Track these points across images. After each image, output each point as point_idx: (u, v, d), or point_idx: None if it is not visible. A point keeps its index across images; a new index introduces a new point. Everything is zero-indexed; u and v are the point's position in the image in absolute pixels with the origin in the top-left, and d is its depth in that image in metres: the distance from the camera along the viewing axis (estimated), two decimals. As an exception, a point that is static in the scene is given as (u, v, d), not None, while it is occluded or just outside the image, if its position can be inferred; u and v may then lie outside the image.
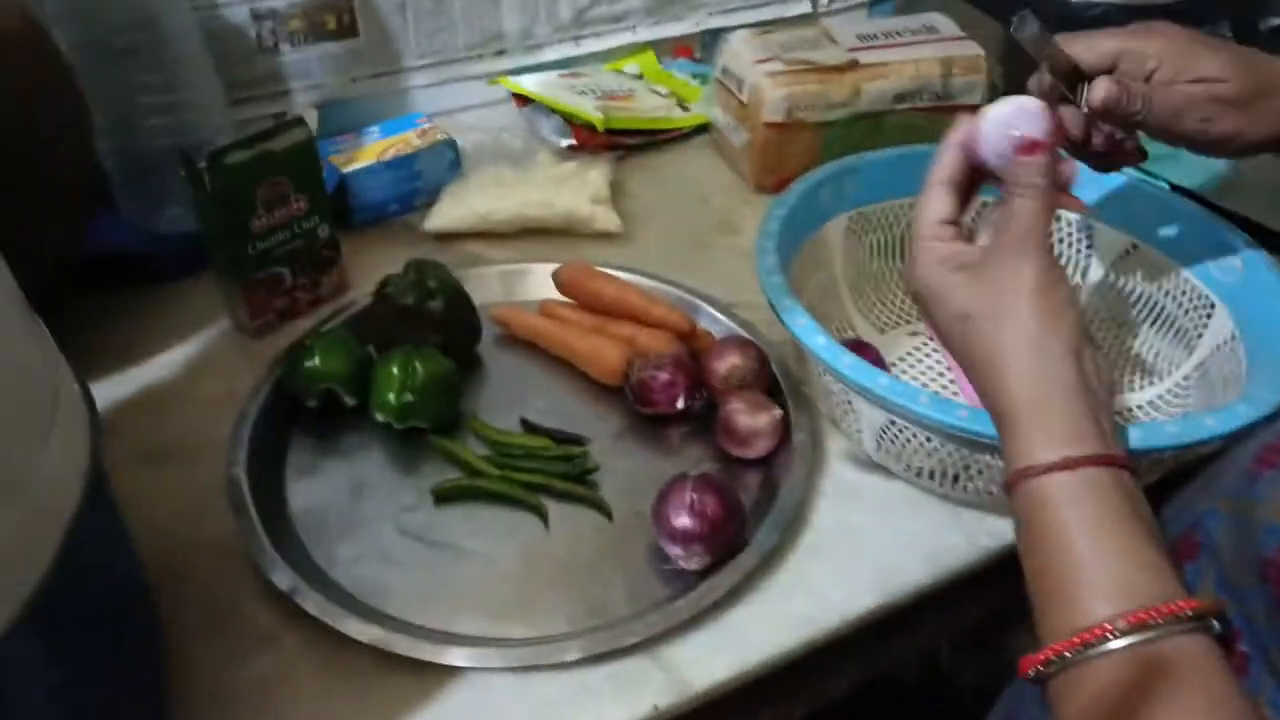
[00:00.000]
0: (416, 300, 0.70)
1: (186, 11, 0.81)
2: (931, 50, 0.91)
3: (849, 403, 0.62)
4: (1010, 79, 0.93)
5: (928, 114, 0.91)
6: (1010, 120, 0.50)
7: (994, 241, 0.48)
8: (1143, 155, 0.57)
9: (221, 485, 0.62)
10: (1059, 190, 0.50)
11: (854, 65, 0.89)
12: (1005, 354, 0.46)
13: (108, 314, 0.77)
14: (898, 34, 0.93)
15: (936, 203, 0.51)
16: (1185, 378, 0.68)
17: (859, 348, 0.72)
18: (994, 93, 0.93)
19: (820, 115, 0.89)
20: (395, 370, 0.65)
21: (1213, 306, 0.67)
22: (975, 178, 0.52)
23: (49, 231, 0.68)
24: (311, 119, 0.82)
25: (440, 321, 0.70)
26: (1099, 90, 0.49)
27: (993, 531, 0.62)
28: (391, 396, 0.65)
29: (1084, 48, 0.52)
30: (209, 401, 0.70)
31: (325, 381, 0.67)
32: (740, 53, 0.92)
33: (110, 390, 0.71)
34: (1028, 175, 0.48)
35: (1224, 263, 0.67)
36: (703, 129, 1.01)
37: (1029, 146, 0.48)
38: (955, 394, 0.72)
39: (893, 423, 0.59)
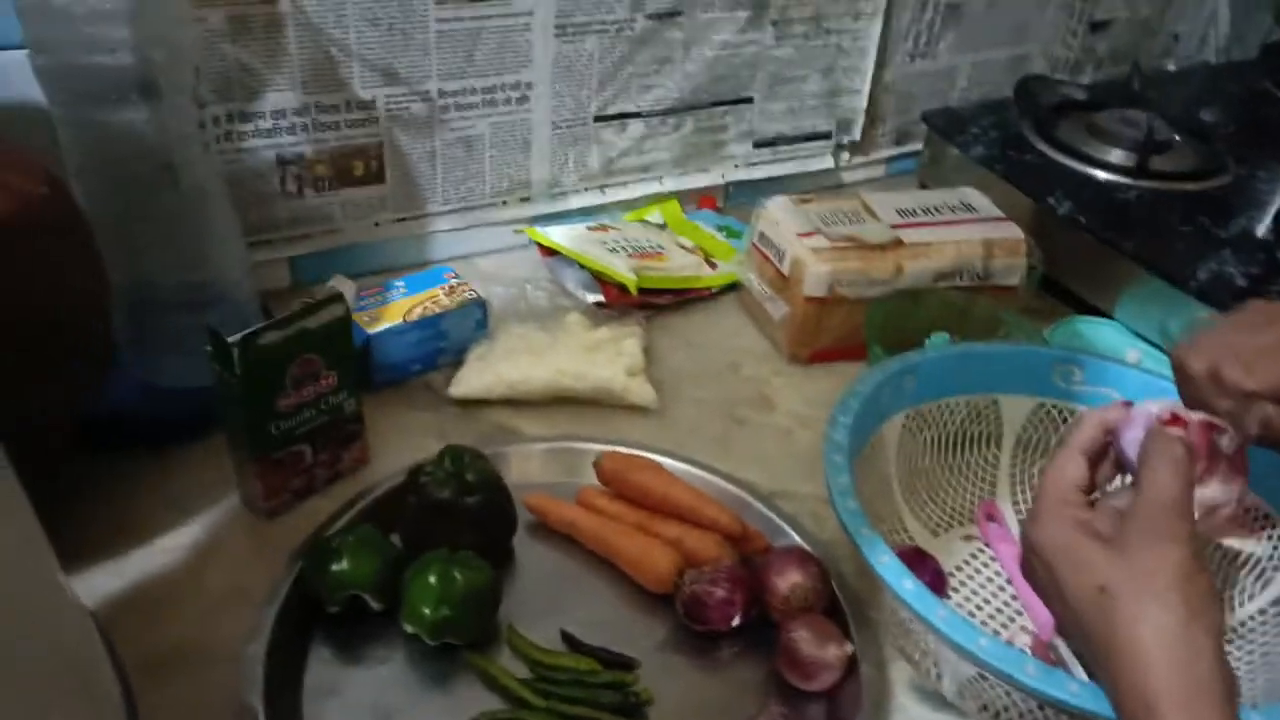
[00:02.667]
0: (453, 495, 0.64)
1: (209, 157, 0.77)
2: (973, 231, 0.90)
3: (929, 644, 0.58)
4: (1049, 259, 0.92)
5: (967, 292, 0.89)
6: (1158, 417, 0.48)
7: (1131, 517, 0.45)
8: None
9: (232, 707, 0.55)
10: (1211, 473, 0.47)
11: (898, 244, 0.87)
12: (1148, 643, 0.42)
13: (102, 482, 0.70)
14: (937, 210, 0.92)
15: (1073, 467, 0.49)
16: (1261, 611, 0.66)
17: (917, 558, 0.69)
18: (1031, 274, 0.91)
19: (861, 291, 0.87)
20: (433, 580, 0.60)
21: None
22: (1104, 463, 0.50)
23: (59, 404, 0.62)
24: (349, 291, 0.78)
25: (477, 519, 0.65)
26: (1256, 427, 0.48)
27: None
28: (427, 610, 0.59)
29: (1259, 380, 0.50)
30: (217, 597, 0.64)
31: (353, 588, 0.61)
32: (780, 222, 0.89)
33: (106, 581, 0.64)
34: (1167, 445, 0.45)
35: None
36: (731, 287, 0.99)
37: (1174, 419, 0.45)
38: (1019, 614, 0.68)
39: (984, 677, 0.55)
